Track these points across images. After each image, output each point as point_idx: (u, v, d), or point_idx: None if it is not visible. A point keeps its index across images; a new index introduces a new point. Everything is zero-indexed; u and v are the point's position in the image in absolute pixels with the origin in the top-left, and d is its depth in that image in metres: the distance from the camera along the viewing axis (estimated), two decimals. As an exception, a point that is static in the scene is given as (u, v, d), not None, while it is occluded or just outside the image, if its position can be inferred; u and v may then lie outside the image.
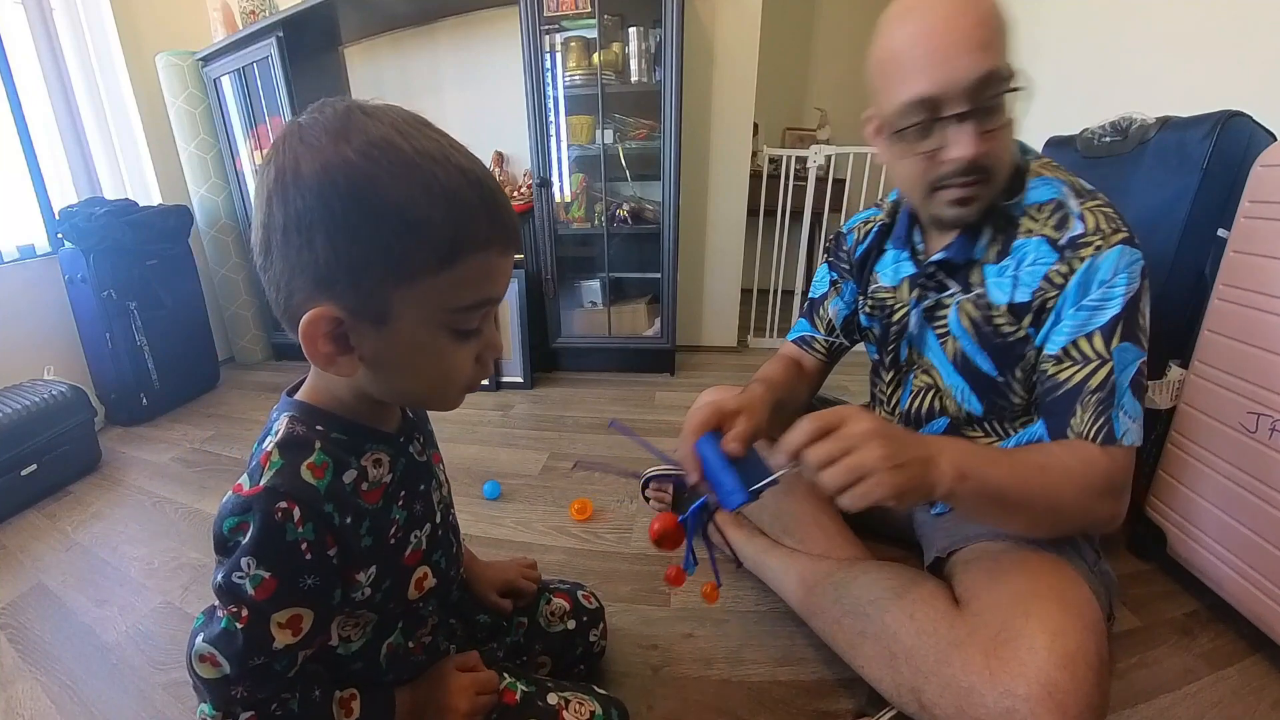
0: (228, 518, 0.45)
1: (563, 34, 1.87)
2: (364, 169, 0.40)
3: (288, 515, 0.44)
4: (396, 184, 0.40)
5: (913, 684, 0.65)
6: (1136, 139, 1.07)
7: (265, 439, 0.49)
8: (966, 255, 0.76)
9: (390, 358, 0.46)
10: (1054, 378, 0.70)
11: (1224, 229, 0.92)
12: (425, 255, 0.42)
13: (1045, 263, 0.69)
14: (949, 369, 0.82)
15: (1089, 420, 0.67)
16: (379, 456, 0.52)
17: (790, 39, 3.11)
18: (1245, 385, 0.86)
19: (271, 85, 2.05)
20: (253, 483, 0.45)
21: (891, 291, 0.88)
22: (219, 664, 0.45)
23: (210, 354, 2.19)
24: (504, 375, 2.05)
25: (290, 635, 0.46)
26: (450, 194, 0.42)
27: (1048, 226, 0.70)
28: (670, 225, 1.92)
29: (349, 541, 0.48)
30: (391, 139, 0.41)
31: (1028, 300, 0.71)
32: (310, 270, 0.41)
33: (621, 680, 0.85)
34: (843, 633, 0.77)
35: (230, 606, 0.45)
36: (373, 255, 0.41)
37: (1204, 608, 0.96)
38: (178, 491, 1.45)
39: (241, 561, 0.44)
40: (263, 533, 0.44)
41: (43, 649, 0.96)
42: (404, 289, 0.42)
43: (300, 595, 0.46)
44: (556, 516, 1.27)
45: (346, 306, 0.42)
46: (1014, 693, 0.56)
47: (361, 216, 0.40)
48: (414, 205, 0.40)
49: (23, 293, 1.75)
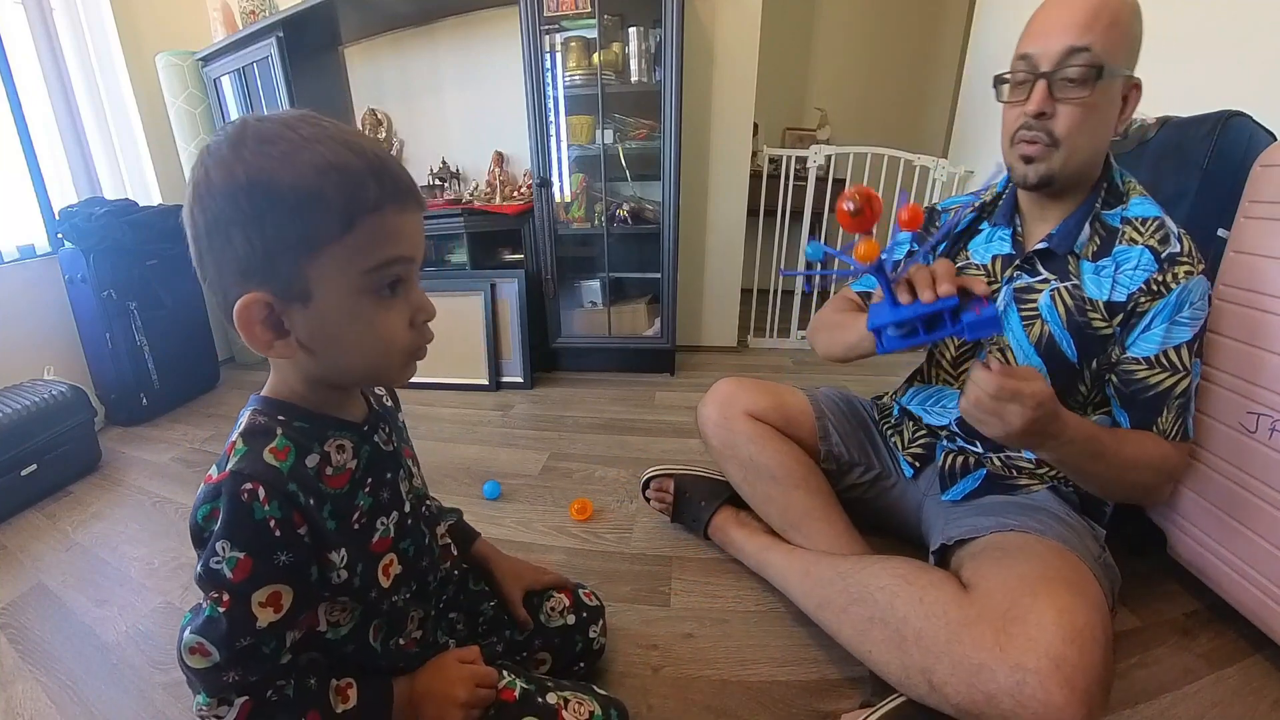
0: (200, 507, 0.48)
1: (563, 34, 1.87)
2: (258, 164, 0.44)
3: (253, 495, 0.47)
4: (286, 168, 0.44)
5: (923, 665, 0.67)
6: (1136, 139, 1.07)
7: (233, 430, 0.51)
8: (1067, 246, 0.81)
9: (324, 333, 0.49)
10: (1144, 380, 0.78)
11: (1224, 229, 0.92)
12: (323, 225, 0.45)
13: (1147, 270, 0.77)
14: (1029, 351, 0.85)
15: (1172, 421, 0.79)
16: (342, 443, 0.54)
17: (790, 39, 3.11)
18: (1245, 385, 0.86)
19: (271, 85, 2.05)
20: (219, 470, 0.48)
21: (980, 269, 0.91)
22: (208, 652, 0.47)
23: (210, 354, 2.19)
24: (504, 375, 2.06)
25: (272, 613, 0.48)
26: (335, 166, 0.45)
27: (1153, 239, 0.78)
28: (670, 225, 1.92)
29: (316, 521, 0.50)
30: (279, 132, 0.45)
31: (1123, 300, 0.78)
32: (234, 265, 0.46)
33: (621, 680, 0.85)
34: (850, 620, 0.78)
35: (211, 593, 0.47)
36: (279, 236, 0.45)
37: (1204, 608, 0.96)
38: (178, 491, 1.45)
39: (216, 546, 0.46)
40: (232, 514, 0.46)
41: (43, 649, 0.96)
42: (314, 262, 0.46)
43: (276, 572, 0.48)
44: (556, 516, 1.27)
45: (271, 290, 0.46)
46: (1024, 666, 0.58)
47: (264, 204, 0.44)
48: (304, 183, 0.44)
49: (23, 293, 1.75)
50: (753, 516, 1.07)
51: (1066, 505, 0.84)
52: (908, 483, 1.02)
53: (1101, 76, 0.71)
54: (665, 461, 1.30)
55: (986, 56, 2.13)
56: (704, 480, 1.17)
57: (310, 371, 0.52)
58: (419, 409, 1.84)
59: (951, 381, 0.96)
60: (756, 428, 1.03)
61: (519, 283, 1.99)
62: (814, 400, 1.09)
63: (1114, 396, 0.83)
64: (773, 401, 1.06)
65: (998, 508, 0.84)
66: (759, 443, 1.02)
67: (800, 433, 1.05)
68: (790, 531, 0.99)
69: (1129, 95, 0.76)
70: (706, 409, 1.09)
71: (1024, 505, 0.83)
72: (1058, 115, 0.74)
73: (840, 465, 1.05)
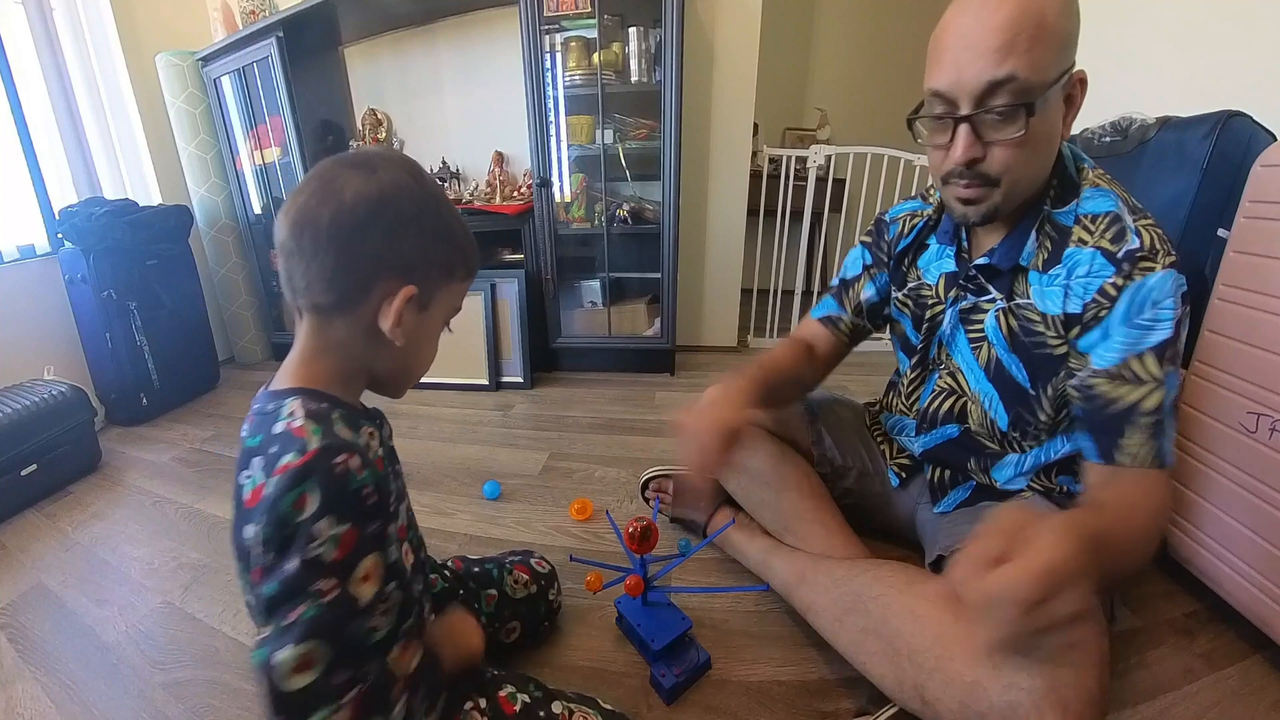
0: (286, 495, 0.45)
1: (563, 34, 1.87)
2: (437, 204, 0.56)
3: (347, 466, 0.48)
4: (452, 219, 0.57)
5: (915, 680, 0.66)
6: (1137, 139, 1.07)
7: (276, 422, 0.50)
8: (1012, 261, 0.74)
9: (414, 336, 0.57)
10: (1105, 395, 0.68)
11: (1224, 229, 0.92)
12: (459, 267, 0.58)
13: (1102, 275, 0.67)
14: (979, 375, 0.81)
15: (1141, 443, 0.66)
16: (371, 430, 0.58)
17: (790, 39, 3.11)
18: (1245, 385, 0.86)
19: (271, 85, 2.05)
20: (301, 453, 0.47)
21: (931, 289, 0.87)
22: (314, 660, 0.45)
23: (210, 354, 2.19)
24: (504, 375, 2.05)
25: (370, 587, 0.48)
26: (467, 233, 0.59)
27: (1104, 239, 0.68)
28: (670, 225, 1.92)
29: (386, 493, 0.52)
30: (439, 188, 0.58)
31: (1079, 312, 0.70)
32: (396, 259, 0.53)
33: (621, 680, 0.85)
34: (845, 630, 0.77)
35: (314, 586, 0.45)
36: (437, 255, 0.56)
37: (1204, 608, 0.96)
38: (178, 491, 1.45)
39: (316, 528, 0.45)
40: (330, 489, 0.46)
41: (43, 649, 0.96)
42: (443, 286, 0.57)
43: (371, 542, 0.49)
44: (556, 516, 1.27)
45: (419, 290, 0.54)
46: (1017, 685, 0.57)
47: (440, 229, 0.55)
48: (459, 231, 0.58)
49: (23, 293, 1.75)
50: (751, 518, 1.07)
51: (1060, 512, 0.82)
52: (898, 490, 1.01)
53: (1034, 110, 0.61)
54: (665, 462, 1.30)
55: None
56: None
57: (362, 363, 0.57)
58: (419, 409, 1.85)
59: (905, 410, 0.93)
60: (749, 431, 1.02)
61: (519, 283, 1.99)
62: (808, 403, 1.08)
63: (1077, 421, 0.73)
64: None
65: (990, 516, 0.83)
66: (752, 446, 1.01)
67: (794, 436, 1.05)
68: (785, 535, 0.98)
69: (1073, 93, 0.66)
70: None
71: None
72: (990, 157, 0.65)
73: (835, 469, 1.04)
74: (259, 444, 0.50)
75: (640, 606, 0.90)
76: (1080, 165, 0.74)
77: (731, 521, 1.06)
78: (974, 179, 0.68)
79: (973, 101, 0.63)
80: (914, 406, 0.92)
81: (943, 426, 0.88)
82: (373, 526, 0.49)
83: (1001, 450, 0.84)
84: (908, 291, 0.91)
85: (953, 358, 0.85)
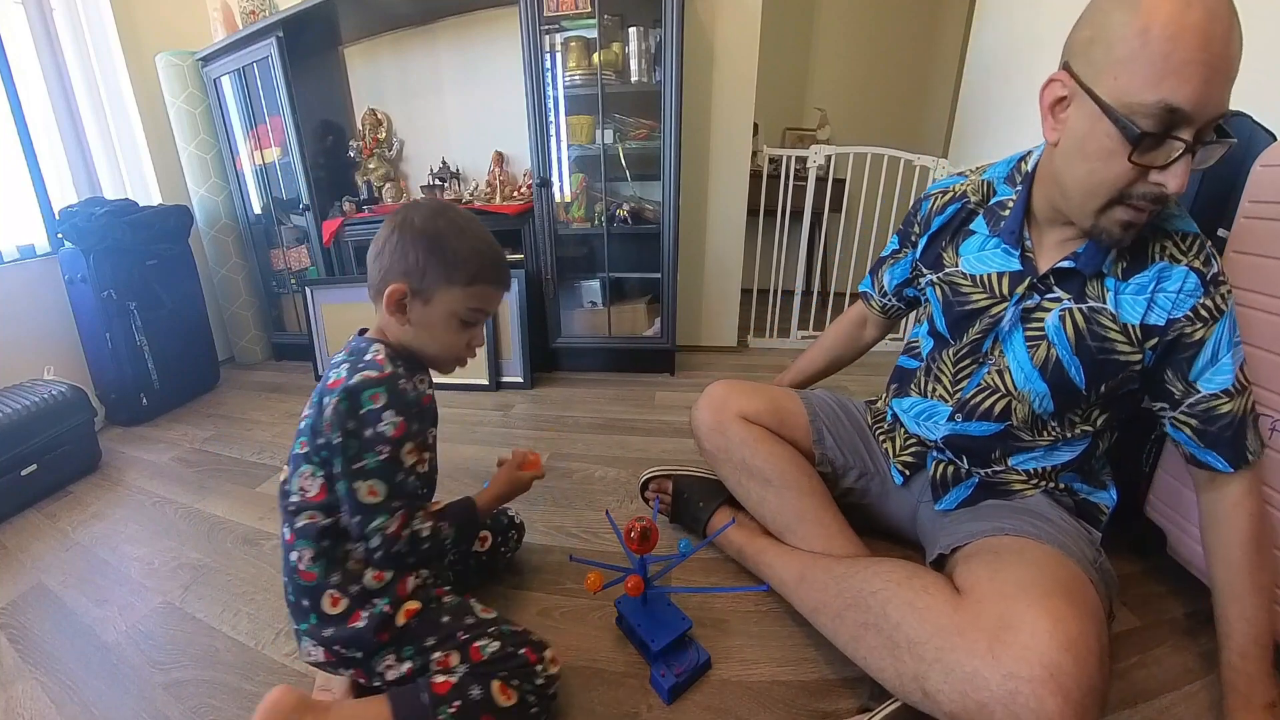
0: (368, 389, 0.71)
1: (563, 34, 1.87)
2: (444, 229, 0.77)
3: (408, 384, 0.77)
4: (456, 238, 0.78)
5: (916, 672, 0.66)
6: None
7: (367, 353, 0.76)
8: (1096, 267, 0.75)
9: (424, 324, 0.80)
10: (1229, 412, 0.74)
11: (1224, 229, 0.92)
12: (458, 275, 0.78)
13: (1194, 296, 0.71)
14: (1032, 374, 0.81)
15: (1253, 438, 0.75)
16: (422, 377, 0.84)
17: (790, 39, 3.11)
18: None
19: (271, 85, 2.05)
20: (381, 371, 0.73)
21: (971, 280, 0.87)
22: (376, 490, 0.72)
23: (210, 354, 2.19)
24: (504, 375, 2.06)
25: (412, 457, 0.75)
26: (478, 251, 0.79)
27: (1197, 260, 0.71)
28: (670, 225, 1.92)
29: (425, 411, 0.81)
30: (459, 221, 0.79)
31: (1161, 324, 0.73)
32: (401, 267, 0.77)
33: (621, 680, 0.85)
34: (845, 626, 0.77)
35: (376, 448, 0.71)
36: (435, 266, 0.77)
37: (1204, 608, 0.95)
38: (178, 491, 1.45)
39: (384, 415, 0.71)
40: (395, 393, 0.73)
41: (43, 649, 0.96)
42: (443, 287, 0.78)
43: (414, 434, 0.75)
44: (556, 516, 1.27)
45: (413, 288, 0.77)
46: (1017, 674, 0.57)
47: (436, 249, 0.77)
48: (461, 250, 0.78)
49: (23, 293, 1.75)
50: (750, 518, 1.07)
51: (1061, 510, 0.83)
52: (900, 489, 1.01)
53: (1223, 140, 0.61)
54: (665, 462, 1.30)
55: (987, 56, 2.13)
56: (702, 480, 1.17)
57: (406, 338, 0.81)
58: (419, 409, 1.84)
59: (947, 398, 0.92)
60: (750, 430, 1.03)
61: (519, 283, 1.99)
62: (808, 403, 1.08)
63: (1191, 441, 0.76)
64: (766, 404, 1.06)
65: (992, 512, 0.83)
66: (752, 446, 1.01)
67: (795, 435, 1.05)
68: (785, 534, 0.98)
69: None
70: (699, 412, 1.08)
71: (1019, 509, 0.82)
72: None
73: (835, 469, 1.04)
74: (350, 361, 0.75)
75: (640, 606, 0.90)
76: None
77: (731, 521, 1.06)
78: (1156, 203, 0.65)
79: (1207, 127, 0.59)
80: (955, 393, 0.90)
81: (979, 421, 0.87)
82: (415, 426, 0.75)
83: (1034, 442, 0.85)
84: (943, 276, 0.91)
85: (1005, 355, 0.84)
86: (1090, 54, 0.64)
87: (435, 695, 0.69)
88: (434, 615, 0.78)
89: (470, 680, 0.71)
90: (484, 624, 0.78)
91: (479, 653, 0.73)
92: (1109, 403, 0.82)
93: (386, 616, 0.75)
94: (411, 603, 0.78)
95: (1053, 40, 1.49)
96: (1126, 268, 0.74)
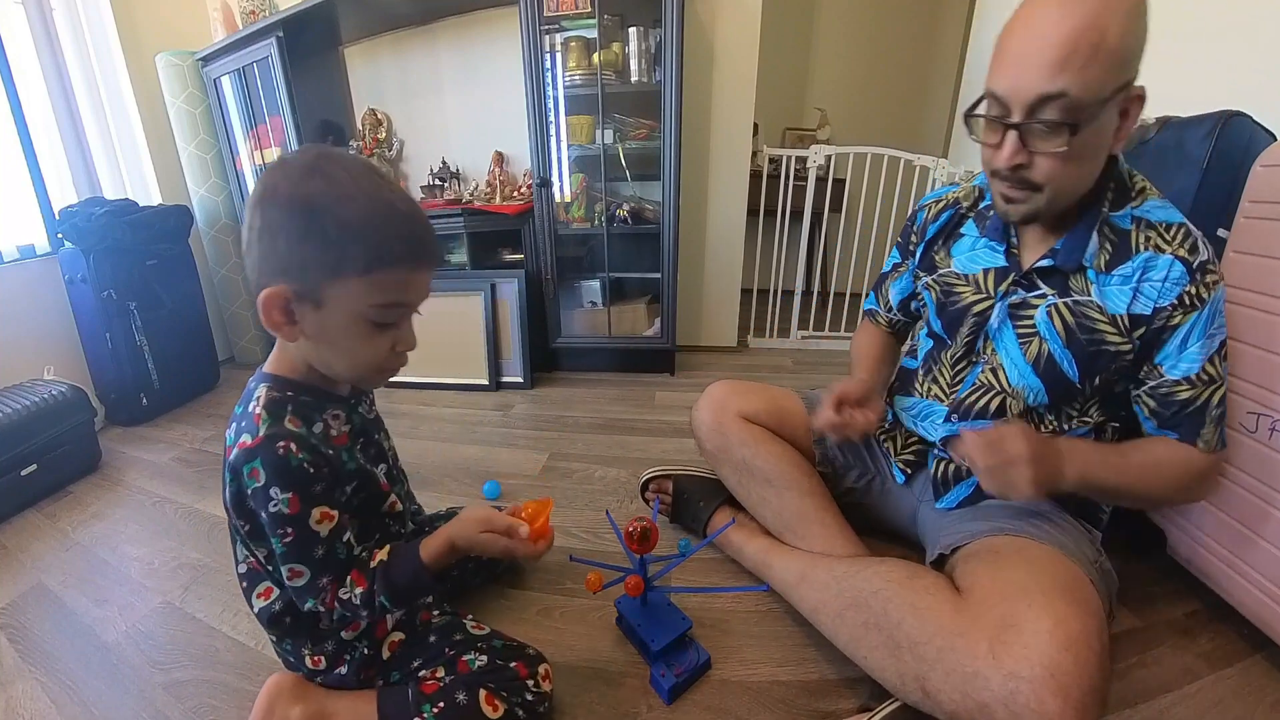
0: (244, 465, 0.61)
1: (563, 34, 1.86)
2: (318, 193, 0.56)
3: (288, 450, 0.61)
4: (338, 205, 0.56)
5: (917, 672, 0.66)
6: (1137, 139, 1.07)
7: (250, 402, 0.64)
8: (1075, 262, 0.76)
9: (324, 335, 0.62)
10: (1188, 399, 0.75)
11: (1224, 229, 0.92)
12: (349, 261, 0.57)
13: (1180, 284, 0.72)
14: (1024, 370, 0.82)
15: (1212, 432, 0.75)
16: (336, 413, 0.70)
17: (790, 39, 3.11)
18: (1245, 385, 0.86)
19: (271, 85, 2.05)
20: (254, 436, 0.61)
21: (964, 279, 0.88)
22: (299, 572, 0.64)
23: (210, 354, 2.19)
24: (504, 375, 2.06)
25: (327, 525, 0.64)
26: (375, 221, 0.58)
27: (1182, 249, 0.72)
28: (670, 225, 1.92)
29: (334, 464, 0.66)
30: (343, 176, 0.57)
31: (1147, 313, 0.74)
32: (274, 261, 0.58)
33: (621, 680, 0.85)
34: (846, 626, 0.77)
35: (277, 531, 0.62)
36: (313, 257, 0.57)
37: (1204, 608, 0.96)
38: (178, 491, 1.45)
39: (269, 493, 0.60)
40: (274, 467, 0.60)
41: (43, 649, 0.96)
42: (334, 282, 0.58)
43: (317, 498, 0.63)
44: (556, 516, 1.27)
45: (294, 289, 0.58)
46: (1018, 674, 0.57)
47: (311, 226, 0.56)
48: (346, 228, 0.56)
49: (23, 293, 1.75)
50: (751, 518, 1.07)
51: (1061, 509, 0.83)
52: (901, 488, 1.01)
53: (1079, 129, 0.64)
54: (665, 462, 1.30)
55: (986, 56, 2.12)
56: (702, 480, 1.17)
57: (309, 357, 0.65)
58: (419, 409, 1.84)
59: (943, 398, 0.92)
60: (750, 431, 1.03)
61: (519, 283, 1.99)
62: (808, 403, 1.08)
63: (1151, 418, 0.78)
64: (766, 404, 1.06)
65: (992, 512, 0.83)
66: (752, 446, 1.01)
67: (795, 435, 1.05)
68: (786, 534, 0.99)
69: (1129, 108, 0.68)
70: (699, 413, 1.08)
71: (1019, 509, 0.82)
72: (1035, 164, 0.69)
73: (836, 469, 1.04)
74: (239, 414, 0.65)
75: (640, 606, 0.90)
76: (1134, 174, 0.78)
77: (731, 521, 1.06)
78: (1018, 183, 0.72)
79: (1024, 110, 0.66)
80: (952, 396, 0.91)
81: (977, 420, 0.87)
82: (316, 488, 0.62)
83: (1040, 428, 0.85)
84: (937, 277, 0.92)
85: (997, 353, 0.85)
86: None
87: (420, 694, 0.69)
88: (420, 639, 0.77)
89: (457, 685, 0.70)
90: (473, 640, 0.76)
91: (466, 666, 0.73)
92: (1105, 398, 0.82)
93: (369, 658, 0.74)
94: (394, 635, 0.76)
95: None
96: (1109, 260, 0.76)
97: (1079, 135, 0.65)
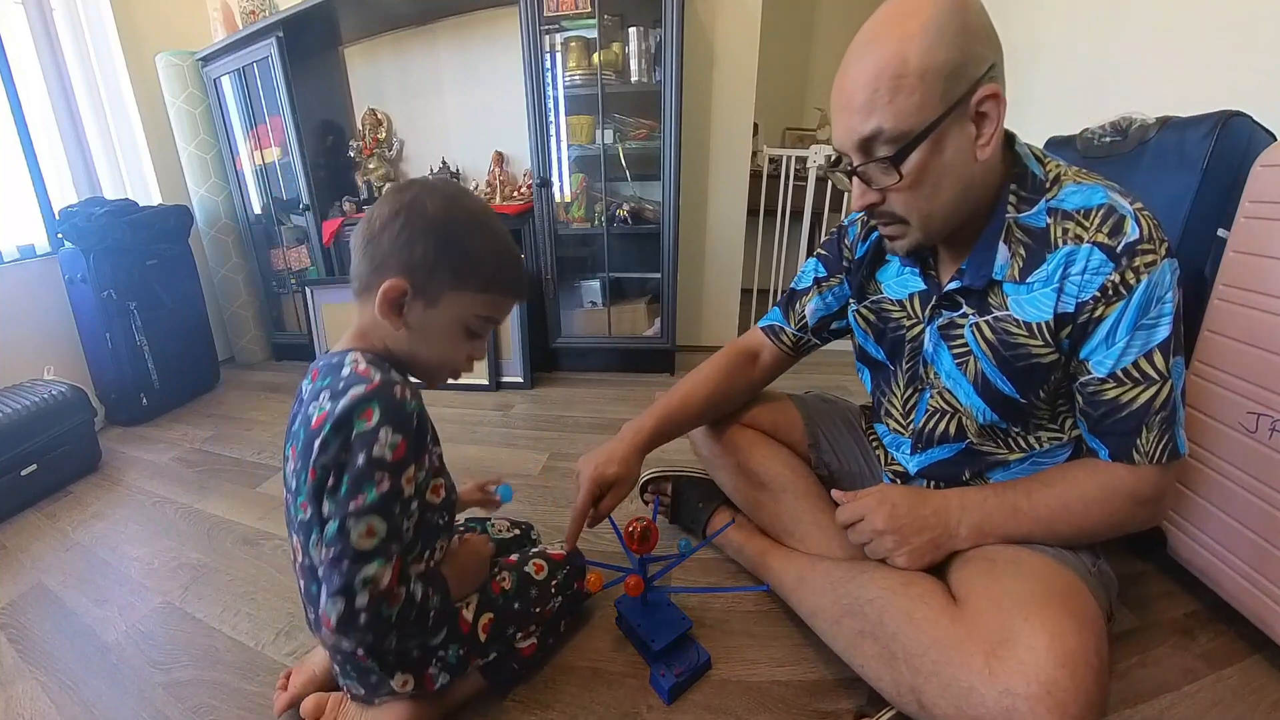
0: (357, 408, 0.60)
1: (563, 34, 1.87)
2: (459, 226, 0.67)
3: (403, 393, 0.64)
4: (474, 235, 0.68)
5: (912, 684, 0.66)
6: (1136, 139, 1.07)
7: (344, 368, 0.65)
8: (984, 279, 0.72)
9: (425, 328, 0.68)
10: (1116, 399, 0.67)
11: (1224, 229, 0.92)
12: (472, 279, 0.68)
13: (1101, 273, 0.64)
14: (968, 390, 0.78)
15: (1155, 440, 0.67)
16: (412, 388, 0.69)
17: (790, 39, 3.11)
18: (1245, 385, 0.86)
19: (271, 85, 2.05)
20: (370, 381, 0.62)
21: (898, 305, 0.86)
22: (375, 530, 0.60)
23: (210, 354, 2.19)
24: (504, 375, 2.06)
25: (410, 486, 0.63)
26: (498, 254, 0.69)
27: (1101, 233, 0.64)
28: (670, 225, 1.92)
29: (423, 427, 0.68)
30: (478, 215, 0.69)
31: (1072, 310, 0.67)
32: (403, 259, 0.65)
33: (621, 680, 0.85)
34: (842, 632, 0.77)
35: (374, 476, 0.60)
36: (444, 267, 0.66)
37: (1204, 608, 0.96)
38: (178, 491, 1.45)
39: (380, 433, 0.60)
40: (390, 407, 0.61)
41: (43, 649, 0.96)
42: (453, 291, 0.67)
43: (413, 455, 0.64)
44: (557, 517, 1.27)
45: (415, 287, 0.66)
46: (1014, 691, 0.57)
47: (450, 247, 0.66)
48: (477, 253, 0.68)
49: (23, 293, 1.75)
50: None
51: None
52: None
53: (906, 157, 0.63)
54: (665, 462, 1.30)
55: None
56: (702, 481, 1.17)
57: (395, 344, 0.70)
58: (419, 409, 1.84)
59: (902, 431, 0.91)
60: (745, 434, 1.03)
61: (519, 283, 1.99)
62: (803, 406, 1.08)
63: (1082, 421, 0.72)
64: (761, 408, 1.05)
65: None
66: (747, 449, 1.01)
67: (791, 439, 1.05)
68: (784, 536, 0.98)
69: (984, 111, 0.63)
70: None
71: None
72: (889, 200, 0.68)
73: (832, 472, 1.04)
74: (328, 383, 0.64)
75: (640, 606, 0.90)
76: (1046, 161, 0.71)
77: (731, 521, 1.06)
78: (883, 219, 0.72)
79: (857, 155, 0.67)
80: (909, 426, 0.90)
81: (939, 446, 0.86)
82: (420, 441, 0.65)
83: (1007, 449, 0.82)
84: (869, 304, 0.90)
85: (939, 376, 0.83)
86: None
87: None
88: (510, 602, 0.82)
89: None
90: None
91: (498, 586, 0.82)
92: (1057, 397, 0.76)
93: (463, 656, 0.77)
94: (484, 617, 0.79)
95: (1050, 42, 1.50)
96: (1024, 267, 0.69)
97: (910, 162, 0.63)
